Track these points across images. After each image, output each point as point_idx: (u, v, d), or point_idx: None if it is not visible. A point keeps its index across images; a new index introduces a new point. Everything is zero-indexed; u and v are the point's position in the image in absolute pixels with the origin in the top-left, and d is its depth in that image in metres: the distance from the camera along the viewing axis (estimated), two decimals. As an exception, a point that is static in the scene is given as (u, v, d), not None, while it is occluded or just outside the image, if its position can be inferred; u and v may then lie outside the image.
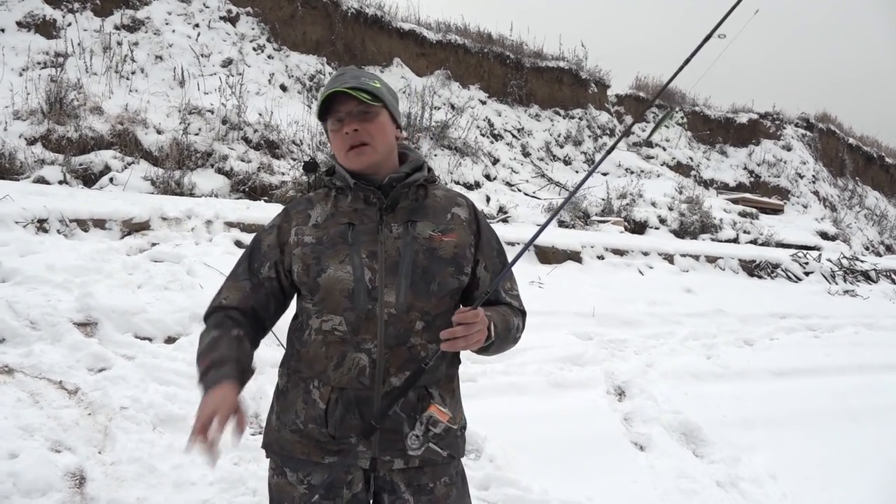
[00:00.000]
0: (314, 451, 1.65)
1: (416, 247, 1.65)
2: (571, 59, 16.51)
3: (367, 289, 1.61)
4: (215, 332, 1.68)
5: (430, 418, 1.57)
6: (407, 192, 1.72)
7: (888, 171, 21.92)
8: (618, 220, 11.67)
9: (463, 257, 1.70)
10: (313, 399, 1.64)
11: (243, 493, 2.84)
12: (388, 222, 1.67)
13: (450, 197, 1.80)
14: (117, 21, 10.51)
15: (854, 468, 4.05)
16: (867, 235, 17.66)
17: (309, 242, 1.67)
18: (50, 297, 3.84)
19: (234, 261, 1.82)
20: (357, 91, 1.63)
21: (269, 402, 3.47)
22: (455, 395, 1.75)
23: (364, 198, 1.70)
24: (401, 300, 1.61)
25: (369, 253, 1.63)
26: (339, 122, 1.67)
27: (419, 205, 1.73)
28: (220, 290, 1.77)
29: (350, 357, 1.61)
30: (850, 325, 7.29)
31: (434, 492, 1.68)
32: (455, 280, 1.68)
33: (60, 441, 2.81)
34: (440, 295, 1.65)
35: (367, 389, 1.60)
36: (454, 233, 1.71)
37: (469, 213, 1.78)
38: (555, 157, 14.94)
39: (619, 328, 5.57)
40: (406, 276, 1.62)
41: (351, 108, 1.65)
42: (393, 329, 1.61)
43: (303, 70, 12.20)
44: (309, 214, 1.73)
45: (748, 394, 4.88)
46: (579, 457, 3.62)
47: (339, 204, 1.72)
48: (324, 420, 1.62)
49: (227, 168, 8.85)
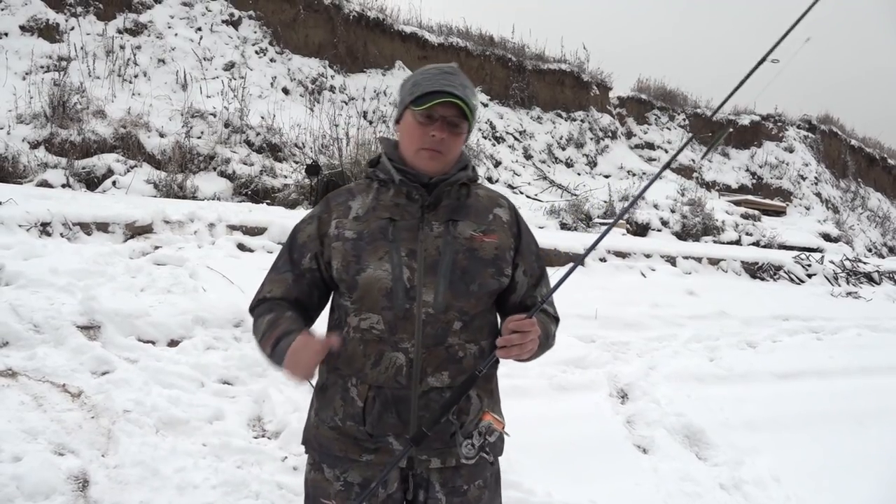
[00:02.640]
0: (351, 449, 1.65)
1: (456, 247, 1.64)
2: (573, 61, 16.52)
3: (406, 288, 1.60)
4: (270, 315, 1.68)
5: (487, 427, 1.57)
6: (450, 191, 1.71)
7: (890, 173, 21.87)
8: (620, 223, 11.66)
9: (503, 259, 1.69)
10: (351, 397, 1.64)
11: (246, 496, 2.83)
12: (429, 220, 1.66)
13: (492, 197, 1.79)
14: (120, 25, 10.54)
15: (858, 470, 4.04)
16: (870, 237, 17.62)
17: (349, 238, 1.66)
18: (53, 300, 3.84)
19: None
20: (464, 104, 1.62)
21: (272, 406, 3.48)
22: (493, 395, 1.75)
23: (407, 193, 1.69)
24: (439, 300, 1.61)
25: (409, 251, 1.63)
26: (428, 119, 1.64)
27: (461, 204, 1.71)
28: (263, 285, 1.77)
29: (387, 356, 1.61)
30: (853, 327, 7.26)
31: (467, 494, 1.68)
32: (495, 281, 1.67)
33: (64, 444, 2.81)
34: (479, 295, 1.65)
35: (405, 389, 1.61)
36: (495, 234, 1.70)
37: (510, 215, 1.77)
38: (557, 160, 14.94)
39: (622, 331, 5.57)
40: (445, 276, 1.62)
41: (448, 113, 1.63)
42: (431, 329, 1.60)
43: (305, 73, 12.22)
44: (350, 206, 1.71)
45: (751, 396, 4.87)
46: (582, 459, 3.62)
47: (381, 197, 1.71)
48: (362, 418, 1.63)
49: (229, 171, 8.86)
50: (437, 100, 1.61)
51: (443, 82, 1.64)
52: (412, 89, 1.67)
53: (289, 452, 3.16)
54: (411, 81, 1.70)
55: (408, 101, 1.66)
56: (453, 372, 1.61)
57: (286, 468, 3.07)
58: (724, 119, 18.69)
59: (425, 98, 1.62)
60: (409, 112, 1.67)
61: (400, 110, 1.73)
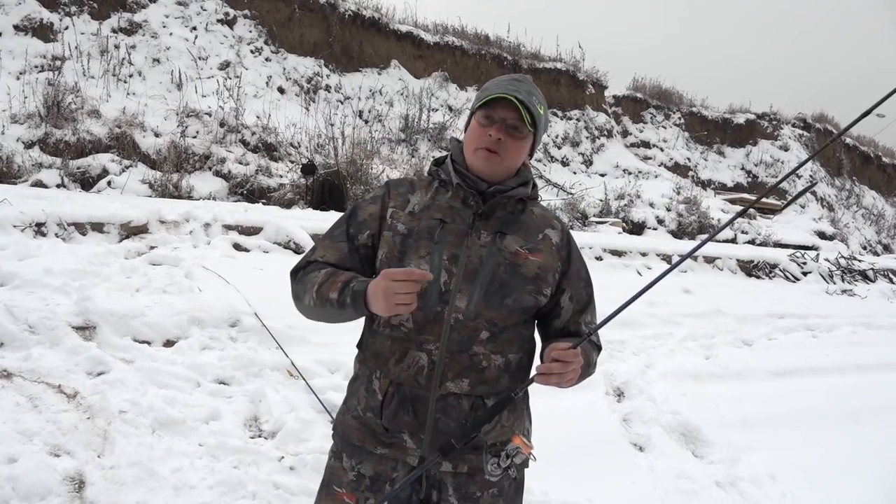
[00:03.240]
0: (368, 440, 1.68)
1: (499, 259, 1.64)
2: (569, 60, 16.53)
3: (440, 291, 1.61)
4: (325, 270, 1.67)
5: (515, 451, 1.58)
6: (506, 204, 1.71)
7: (885, 171, 21.96)
8: (616, 221, 11.69)
9: (544, 280, 1.68)
10: (373, 389, 1.67)
11: (243, 496, 2.83)
12: (478, 228, 1.67)
13: (546, 217, 1.78)
14: (115, 24, 10.51)
15: (853, 467, 4.06)
16: (865, 235, 17.69)
17: (400, 231, 1.67)
18: (48, 300, 3.83)
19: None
20: (524, 108, 1.63)
21: (268, 406, 3.48)
22: (516, 409, 1.73)
23: (463, 198, 1.70)
24: (471, 307, 1.61)
25: (451, 255, 1.63)
26: (488, 120, 1.66)
27: (514, 218, 1.71)
28: (315, 249, 1.76)
29: (411, 354, 1.62)
30: (849, 325, 7.30)
31: (479, 502, 1.67)
32: (532, 298, 1.66)
33: (59, 445, 2.80)
34: (512, 309, 1.64)
35: (423, 389, 1.61)
36: (541, 254, 1.69)
37: (562, 238, 1.76)
38: (552, 159, 14.95)
39: (618, 329, 5.57)
40: (482, 286, 1.62)
41: (508, 116, 1.65)
42: (457, 334, 1.60)
43: (300, 72, 12.20)
44: (408, 199, 1.73)
45: (747, 394, 4.88)
46: (579, 458, 3.62)
47: (438, 197, 1.72)
48: (379, 411, 1.65)
49: (224, 171, 8.85)
50: (497, 97, 1.63)
51: (509, 87, 1.67)
52: (480, 94, 1.71)
53: (285, 452, 3.15)
54: (483, 88, 1.74)
55: (475, 106, 1.70)
56: (474, 380, 1.61)
57: (283, 468, 3.06)
58: (718, 118, 18.73)
59: (491, 102, 1.65)
60: (474, 116, 1.70)
61: (469, 117, 1.75)
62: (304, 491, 2.90)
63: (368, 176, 9.34)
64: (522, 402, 1.76)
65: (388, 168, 10.14)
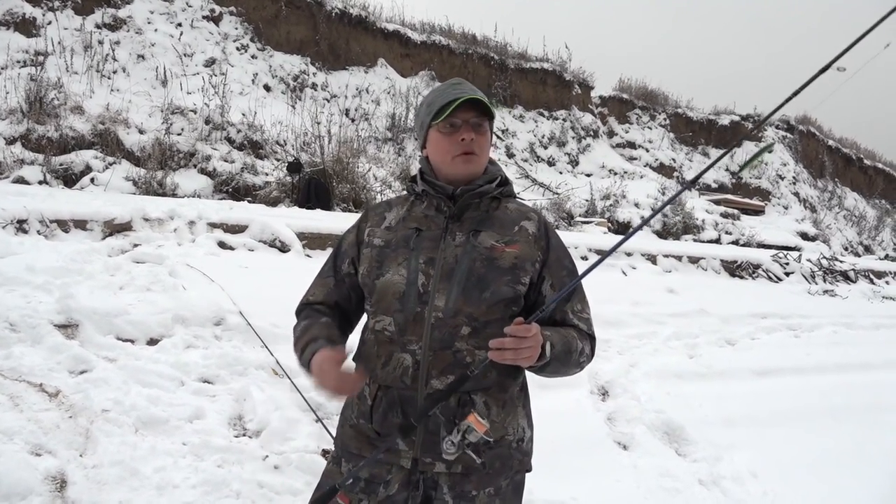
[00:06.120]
0: (364, 446, 1.70)
1: (474, 255, 1.67)
2: (555, 60, 16.59)
3: (419, 292, 1.65)
4: (305, 321, 1.80)
5: (467, 427, 1.57)
6: (478, 203, 1.75)
7: (866, 173, 22.23)
8: (601, 221, 11.75)
9: (522, 269, 1.69)
10: (364, 395, 1.70)
11: (227, 495, 2.82)
12: (452, 230, 1.71)
13: (522, 211, 1.80)
14: (98, 20, 10.41)
15: (834, 466, 4.10)
16: (846, 236, 17.90)
17: (377, 245, 1.75)
18: (30, 298, 3.79)
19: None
20: (481, 101, 1.68)
21: (253, 405, 3.47)
22: (507, 406, 1.70)
23: (436, 205, 1.75)
24: (449, 305, 1.64)
25: (427, 259, 1.68)
26: (452, 128, 1.70)
27: (488, 216, 1.75)
28: (309, 288, 1.89)
29: (396, 357, 1.65)
30: (830, 325, 7.38)
31: (475, 501, 1.67)
32: (510, 289, 1.67)
33: (41, 444, 2.77)
34: (491, 302, 1.65)
35: (410, 389, 1.63)
36: (517, 244, 1.71)
37: (538, 227, 1.77)
38: (539, 158, 15.00)
39: (603, 328, 5.59)
40: (459, 283, 1.65)
41: (469, 117, 1.70)
42: (438, 332, 1.63)
43: (286, 70, 12.15)
44: (384, 216, 1.81)
45: (730, 393, 4.92)
46: (563, 456, 3.63)
47: (414, 209, 1.78)
48: (369, 416, 1.68)
49: (210, 168, 8.80)
50: (455, 103, 1.67)
51: (454, 92, 1.71)
52: (428, 109, 1.74)
53: (270, 451, 3.14)
54: (425, 104, 1.77)
55: (428, 121, 1.73)
56: (458, 376, 1.61)
57: (267, 467, 3.05)
58: (703, 119, 18.88)
59: (444, 109, 1.69)
60: (432, 131, 1.74)
61: (423, 134, 1.79)
62: (289, 490, 2.90)
63: (354, 174, 9.32)
64: (517, 399, 1.75)
65: (375, 167, 10.12)
